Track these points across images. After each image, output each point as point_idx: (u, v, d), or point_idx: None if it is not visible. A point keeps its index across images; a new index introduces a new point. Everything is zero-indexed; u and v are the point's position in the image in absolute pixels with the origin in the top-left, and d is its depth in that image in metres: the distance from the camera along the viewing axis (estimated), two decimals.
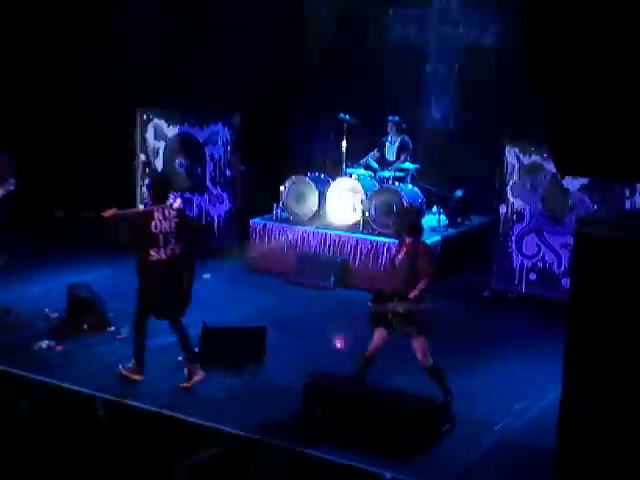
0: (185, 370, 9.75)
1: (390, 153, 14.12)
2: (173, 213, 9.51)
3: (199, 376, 9.69)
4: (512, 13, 13.38)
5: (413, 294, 8.82)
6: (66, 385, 9.55)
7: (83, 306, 11.19)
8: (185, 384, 9.61)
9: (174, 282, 9.53)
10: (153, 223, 9.37)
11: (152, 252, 9.37)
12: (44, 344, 10.59)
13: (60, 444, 8.44)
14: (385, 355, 10.50)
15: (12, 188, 12.74)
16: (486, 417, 9.10)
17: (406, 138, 14.07)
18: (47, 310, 11.54)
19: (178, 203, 9.81)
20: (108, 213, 9.48)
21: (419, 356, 8.97)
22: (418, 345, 8.94)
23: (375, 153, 14.19)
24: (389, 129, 14.07)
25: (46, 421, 8.83)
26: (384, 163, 14.13)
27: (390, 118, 14.02)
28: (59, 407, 9.22)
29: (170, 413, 8.99)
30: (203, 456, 7.89)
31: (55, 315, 11.40)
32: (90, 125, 15.34)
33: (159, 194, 9.62)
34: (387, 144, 14.14)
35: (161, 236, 9.38)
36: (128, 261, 13.68)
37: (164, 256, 9.40)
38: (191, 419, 8.89)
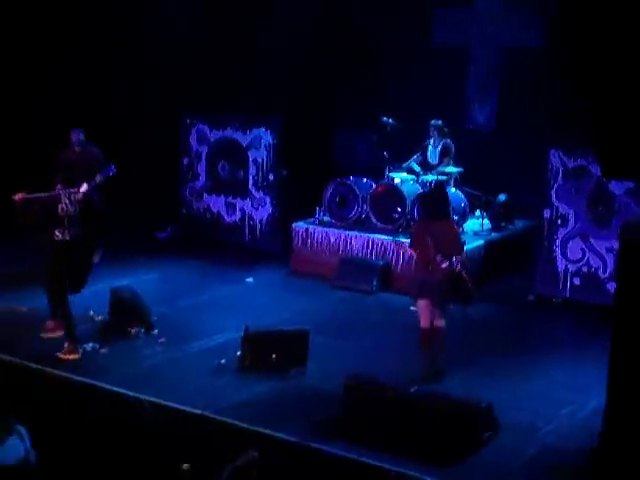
0: (65, 344, 10.38)
1: (433, 157, 14.05)
2: (79, 197, 10.49)
3: (76, 355, 10.30)
4: (555, 12, 13.27)
5: None
6: (109, 387, 9.59)
7: (127, 309, 11.25)
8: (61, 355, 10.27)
9: (74, 261, 10.45)
10: (60, 206, 10.29)
11: (57, 232, 10.27)
12: (89, 346, 10.66)
13: (103, 445, 8.48)
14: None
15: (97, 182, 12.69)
16: (530, 422, 9.02)
17: (449, 142, 13.99)
18: (92, 313, 11.61)
19: (84, 188, 10.66)
20: (18, 196, 10.23)
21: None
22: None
23: (418, 156, 14.13)
24: (431, 133, 14.00)
25: (89, 423, 8.88)
26: (426, 167, 14.06)
27: (433, 122, 13.93)
28: (102, 409, 9.27)
29: (212, 416, 9.01)
30: (244, 459, 7.90)
31: (100, 318, 11.48)
32: (135, 128, 15.44)
33: (67, 179, 10.53)
34: (430, 147, 14.07)
35: (66, 218, 10.30)
36: (175, 265, 13.91)
37: (67, 237, 10.29)
38: (233, 422, 8.89)
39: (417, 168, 14.04)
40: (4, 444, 7.28)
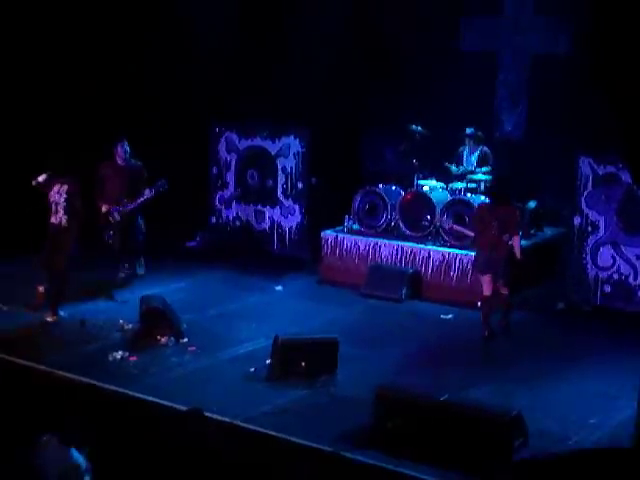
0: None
1: (468, 164, 13.95)
2: (64, 188, 11.81)
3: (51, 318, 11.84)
4: (585, 18, 13.20)
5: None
6: (139, 395, 9.64)
7: (157, 318, 11.30)
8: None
9: (58, 243, 11.85)
10: (50, 193, 11.88)
11: (51, 216, 11.89)
12: (118, 355, 10.71)
13: (131, 452, 8.52)
14: (462, 368, 10.51)
15: (143, 199, 13.26)
16: (560, 431, 8.97)
17: (486, 148, 13.85)
18: (122, 321, 11.67)
19: (42, 178, 11.95)
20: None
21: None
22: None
23: (455, 162, 14.02)
24: (466, 142, 13.90)
25: (119, 431, 8.92)
26: (460, 173, 13.96)
27: (467, 131, 13.82)
28: (132, 417, 9.31)
29: (242, 424, 9.03)
30: None
31: (129, 326, 11.54)
32: (164, 136, 15.51)
33: (56, 171, 11.92)
34: (465, 154, 13.97)
35: (53, 205, 11.84)
36: (204, 274, 13.94)
37: (55, 221, 11.87)
38: (263, 430, 8.91)
39: (453, 171, 13.95)
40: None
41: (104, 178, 13.28)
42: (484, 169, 13.77)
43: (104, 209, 13.18)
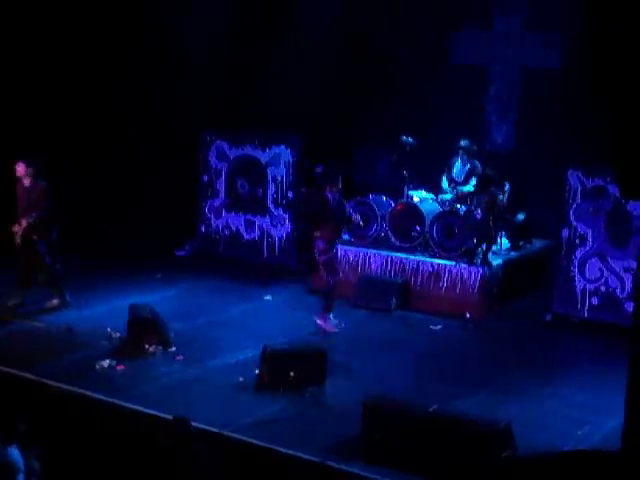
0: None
1: (459, 175, 13.93)
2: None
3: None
4: (575, 33, 13.28)
5: None
6: (127, 405, 9.61)
7: (144, 326, 11.27)
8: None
9: None
10: None
11: None
12: (106, 364, 10.68)
13: (121, 463, 8.50)
14: (451, 379, 10.51)
15: (31, 220, 12.14)
16: (547, 443, 8.98)
17: (477, 163, 13.82)
18: (109, 330, 11.64)
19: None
20: None
21: None
22: None
23: (447, 174, 14.03)
24: (460, 154, 13.85)
25: (107, 440, 8.90)
26: (451, 185, 13.98)
27: (462, 143, 13.78)
28: (119, 426, 9.29)
29: (230, 434, 9.01)
30: None
31: (117, 335, 11.50)
32: (155, 144, 15.51)
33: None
34: (457, 164, 13.93)
35: None
36: (193, 282, 13.92)
37: None
38: (251, 440, 8.89)
39: (445, 185, 13.96)
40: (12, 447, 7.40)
41: (17, 197, 12.47)
42: (471, 184, 13.79)
43: (14, 230, 12.34)
